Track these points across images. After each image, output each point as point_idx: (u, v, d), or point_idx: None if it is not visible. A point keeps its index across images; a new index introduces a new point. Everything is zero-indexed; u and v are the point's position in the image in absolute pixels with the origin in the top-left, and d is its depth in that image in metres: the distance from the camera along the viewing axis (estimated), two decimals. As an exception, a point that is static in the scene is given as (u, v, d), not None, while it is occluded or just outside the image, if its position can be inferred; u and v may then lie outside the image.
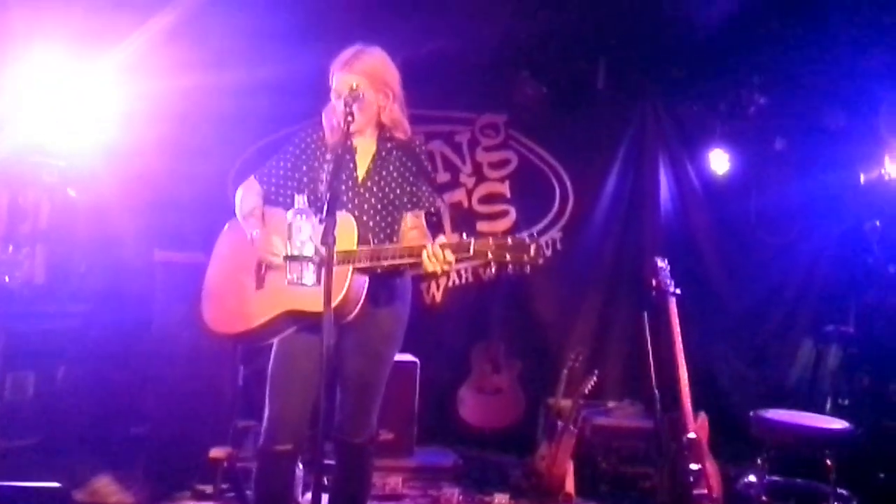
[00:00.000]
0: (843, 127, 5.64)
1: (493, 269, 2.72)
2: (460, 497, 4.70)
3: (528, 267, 2.69)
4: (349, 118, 2.83)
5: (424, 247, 2.76)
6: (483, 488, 4.92)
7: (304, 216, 2.74)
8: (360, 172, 3.11)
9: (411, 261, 2.81)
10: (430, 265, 2.74)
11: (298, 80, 3.32)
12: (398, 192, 3.12)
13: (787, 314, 6.02)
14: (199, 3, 4.68)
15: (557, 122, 6.19)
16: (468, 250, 2.72)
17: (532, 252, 2.67)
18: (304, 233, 2.73)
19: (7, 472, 4.24)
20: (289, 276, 2.75)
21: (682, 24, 5.11)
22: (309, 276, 2.74)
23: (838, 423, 4.33)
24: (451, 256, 2.73)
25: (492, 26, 5.24)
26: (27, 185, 5.20)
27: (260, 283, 3.03)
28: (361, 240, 2.89)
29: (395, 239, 3.10)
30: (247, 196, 3.16)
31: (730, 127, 5.93)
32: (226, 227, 3.23)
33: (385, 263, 2.83)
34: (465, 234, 2.76)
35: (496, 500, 4.62)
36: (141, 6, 4.75)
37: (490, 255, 2.68)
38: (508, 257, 2.67)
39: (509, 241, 2.69)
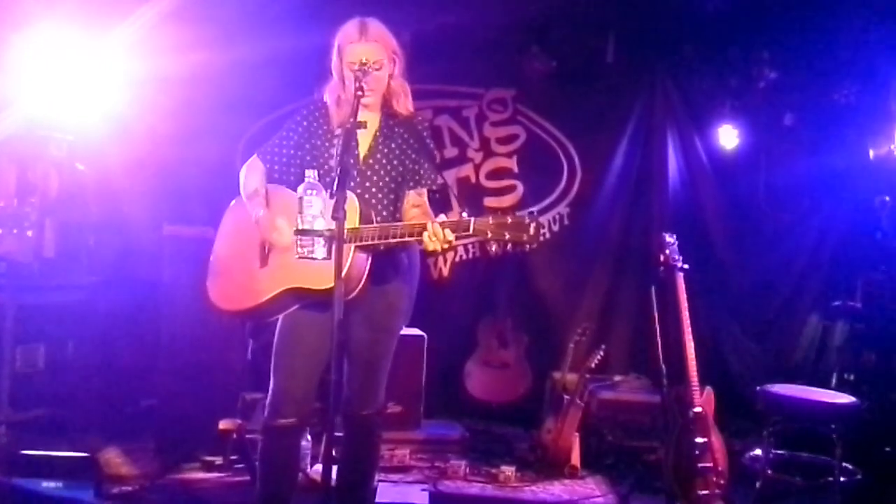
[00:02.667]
0: (853, 102, 5.61)
1: (495, 247, 2.73)
2: (467, 469, 4.74)
3: (528, 246, 2.72)
4: (359, 93, 2.83)
5: (425, 226, 2.77)
6: (490, 460, 4.96)
7: (314, 191, 2.76)
8: (363, 150, 3.10)
9: (412, 240, 2.83)
10: (430, 244, 2.76)
11: (305, 56, 3.33)
12: (400, 169, 3.13)
13: (794, 290, 6.02)
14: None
15: (566, 96, 6.17)
16: (468, 229, 2.74)
17: (531, 231, 2.69)
18: (315, 207, 2.75)
19: (18, 443, 4.30)
20: (299, 251, 2.77)
21: (693, -2, 5.09)
22: (319, 250, 2.76)
23: (844, 398, 4.34)
24: (450, 235, 2.75)
25: (501, 1, 5.21)
26: (35, 160, 5.21)
27: (264, 261, 3.05)
28: (364, 218, 2.90)
29: (398, 216, 3.11)
30: (250, 175, 3.16)
31: (739, 102, 5.90)
32: (231, 204, 3.24)
33: (387, 242, 2.84)
34: (465, 213, 2.78)
35: (503, 472, 4.66)
36: (148, -20, 4.74)
37: (489, 234, 2.70)
38: (508, 236, 2.69)
39: (508, 219, 2.70)
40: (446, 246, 2.77)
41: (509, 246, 2.71)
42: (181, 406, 4.73)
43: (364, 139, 3.10)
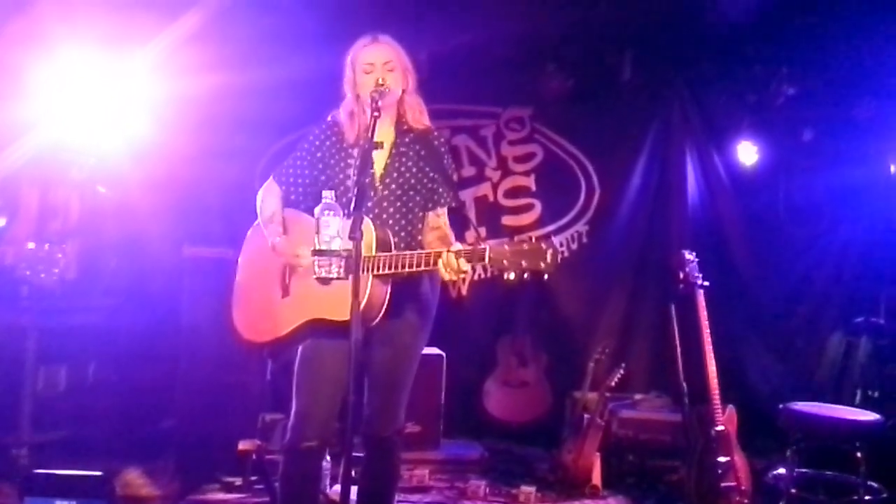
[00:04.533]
0: (873, 117, 5.59)
1: (512, 276, 2.68)
2: (487, 489, 4.71)
3: (546, 275, 2.66)
4: (375, 114, 2.84)
5: (440, 255, 2.76)
6: (510, 481, 4.93)
7: (331, 212, 2.76)
8: (378, 169, 3.10)
9: (428, 269, 2.80)
10: (445, 274, 2.75)
11: (323, 77, 3.35)
12: (418, 187, 3.12)
13: (816, 306, 5.97)
14: (226, 4, 4.72)
15: (583, 114, 6.17)
16: (483, 258, 2.70)
17: (548, 259, 2.64)
18: (332, 228, 2.75)
19: (40, 464, 4.32)
20: (317, 271, 2.78)
21: (710, 14, 5.08)
22: (337, 270, 2.76)
23: (868, 415, 4.29)
24: (465, 266, 2.73)
25: (517, 19, 5.24)
26: (57, 183, 5.27)
27: (285, 291, 3.06)
28: (380, 242, 2.89)
29: (417, 237, 3.11)
30: (267, 199, 3.18)
31: (758, 118, 5.89)
32: (251, 229, 3.25)
33: (402, 271, 2.83)
34: (483, 230, 2.76)
35: (523, 493, 4.63)
36: (168, 6, 4.79)
37: (506, 263, 2.66)
38: (525, 264, 2.64)
39: (525, 246, 2.66)
40: (463, 276, 2.76)
41: (526, 275, 2.67)
42: (201, 427, 4.75)
43: (379, 158, 3.10)
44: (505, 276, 2.69)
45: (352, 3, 4.87)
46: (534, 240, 2.68)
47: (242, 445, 4.47)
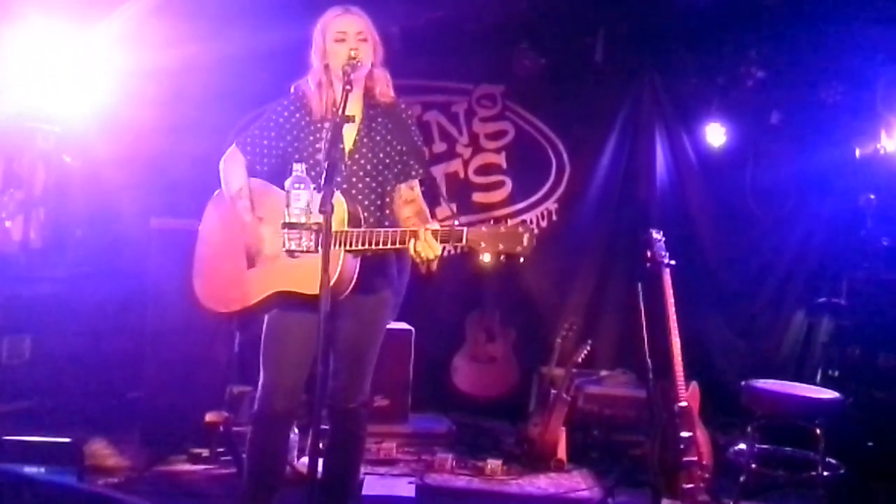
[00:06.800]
0: (840, 101, 5.64)
1: (488, 258, 2.70)
2: (454, 462, 4.75)
3: (522, 258, 2.69)
4: (347, 87, 2.83)
5: (416, 233, 2.76)
6: (476, 454, 4.97)
7: (302, 185, 2.75)
8: (348, 144, 3.08)
9: (402, 247, 2.81)
10: (421, 251, 2.76)
11: (293, 49, 3.33)
12: (387, 161, 3.11)
13: (779, 286, 6.06)
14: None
15: (555, 93, 6.19)
16: (461, 239, 2.72)
17: (525, 242, 2.66)
18: (303, 201, 2.74)
19: (4, 433, 4.29)
20: (286, 244, 2.77)
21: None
22: (307, 243, 2.76)
23: (828, 394, 4.37)
24: (437, 249, 2.74)
25: (491, -3, 5.24)
26: (22, 151, 5.21)
27: (251, 261, 3.04)
28: (352, 217, 2.88)
29: (386, 211, 3.11)
30: (232, 169, 3.12)
31: (727, 100, 5.93)
32: (213, 196, 3.21)
33: (375, 248, 2.82)
34: (455, 219, 2.77)
35: (489, 466, 4.68)
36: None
37: (483, 245, 2.68)
38: (501, 247, 2.67)
39: (502, 229, 2.68)
40: (430, 261, 2.76)
41: (502, 257, 2.69)
42: (168, 398, 4.73)
43: (349, 133, 3.07)
44: (480, 258, 2.70)
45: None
46: (510, 223, 2.70)
47: (210, 417, 4.46)
